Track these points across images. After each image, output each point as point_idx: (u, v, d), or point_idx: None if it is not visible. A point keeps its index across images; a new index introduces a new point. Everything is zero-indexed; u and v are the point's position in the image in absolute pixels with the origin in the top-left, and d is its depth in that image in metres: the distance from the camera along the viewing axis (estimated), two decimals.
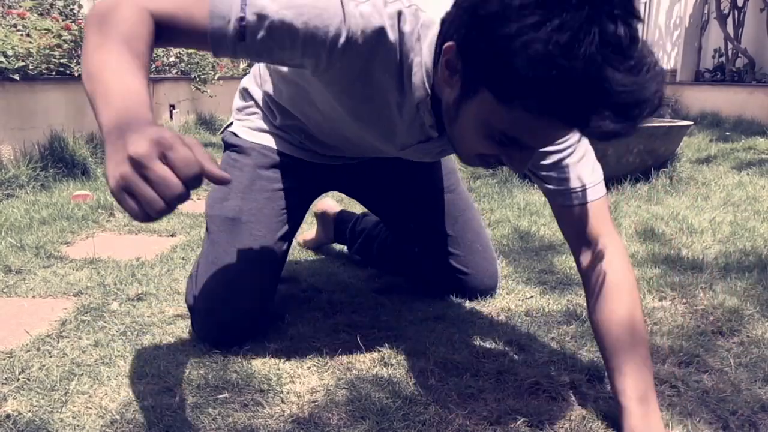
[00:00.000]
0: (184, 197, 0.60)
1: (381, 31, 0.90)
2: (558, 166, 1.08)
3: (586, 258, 1.10)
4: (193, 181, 0.60)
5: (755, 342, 1.32)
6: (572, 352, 1.28)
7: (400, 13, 0.90)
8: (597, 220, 1.08)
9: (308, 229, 2.05)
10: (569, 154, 1.08)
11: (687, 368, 1.21)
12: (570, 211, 1.09)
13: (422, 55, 0.93)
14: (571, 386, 1.15)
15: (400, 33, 0.91)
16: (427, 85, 0.95)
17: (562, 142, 1.07)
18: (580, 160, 1.09)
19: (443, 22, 0.89)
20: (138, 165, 0.59)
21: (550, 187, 1.10)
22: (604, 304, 1.05)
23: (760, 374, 1.18)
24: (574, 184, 1.08)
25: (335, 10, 0.87)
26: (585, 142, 1.11)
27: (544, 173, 1.09)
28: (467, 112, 0.86)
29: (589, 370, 1.19)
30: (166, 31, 0.84)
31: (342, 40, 0.89)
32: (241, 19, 0.85)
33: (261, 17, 0.85)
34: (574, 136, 1.04)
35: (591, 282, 1.08)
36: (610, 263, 1.06)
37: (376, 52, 0.92)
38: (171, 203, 0.59)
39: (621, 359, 1.00)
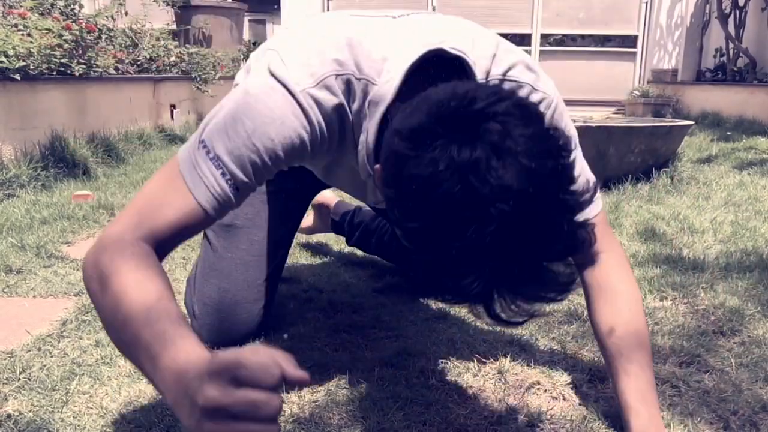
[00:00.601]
0: (281, 406, 0.53)
1: (341, 108, 0.88)
2: None
3: (589, 272, 1.07)
4: (278, 387, 0.52)
5: (756, 342, 1.32)
6: (573, 352, 1.28)
7: (349, 86, 0.87)
8: (599, 232, 1.06)
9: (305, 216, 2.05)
10: None
11: (688, 368, 1.21)
12: None
13: (367, 134, 0.88)
14: (572, 386, 1.15)
15: (349, 109, 0.89)
16: (368, 166, 0.90)
17: None
18: (577, 178, 1.04)
19: (387, 117, 0.83)
20: (217, 411, 0.51)
21: None
22: (607, 309, 1.03)
23: (761, 374, 1.18)
24: None
25: (294, 111, 0.84)
26: (579, 155, 1.03)
27: None
28: None
29: (590, 370, 1.19)
30: (165, 243, 0.81)
31: (317, 135, 0.87)
32: (223, 174, 0.82)
33: (241, 164, 0.83)
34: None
35: (593, 290, 1.06)
36: (612, 274, 1.05)
37: (343, 128, 0.91)
38: (275, 418, 0.52)
39: (625, 361, 0.99)
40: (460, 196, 0.63)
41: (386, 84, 0.85)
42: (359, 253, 1.89)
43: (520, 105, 0.67)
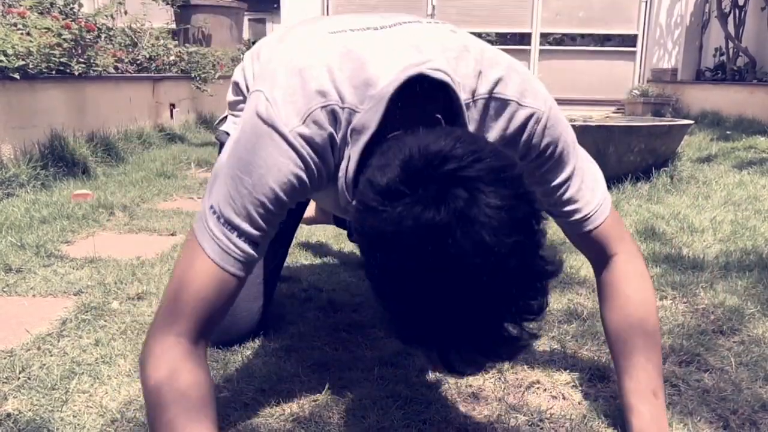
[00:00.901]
0: None
1: (332, 138, 0.87)
2: (560, 201, 1.02)
3: (602, 273, 1.07)
4: None
5: (756, 341, 1.32)
6: (573, 351, 1.28)
7: (335, 116, 0.86)
8: (611, 236, 1.05)
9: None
10: (567, 187, 1.01)
11: (688, 367, 1.21)
12: (584, 237, 1.05)
13: (348, 162, 0.87)
14: (571, 385, 1.15)
15: (336, 136, 0.88)
16: (347, 194, 0.89)
17: (557, 178, 1.00)
18: (580, 187, 1.01)
19: (369, 148, 0.83)
20: None
21: (557, 219, 1.06)
22: (616, 310, 1.03)
23: (760, 373, 1.18)
24: (582, 213, 1.02)
25: (287, 155, 0.84)
26: (579, 162, 1.02)
27: (548, 207, 1.04)
28: None
29: (590, 369, 1.19)
30: (207, 324, 0.86)
31: (313, 171, 0.87)
32: (239, 235, 0.85)
33: (251, 221, 0.85)
34: (566, 170, 0.99)
35: (605, 292, 1.06)
36: (624, 275, 1.05)
37: (333, 157, 0.90)
38: None
39: (631, 359, 0.99)
40: (418, 256, 0.65)
41: (368, 112, 0.84)
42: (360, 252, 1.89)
43: (495, 169, 0.67)
